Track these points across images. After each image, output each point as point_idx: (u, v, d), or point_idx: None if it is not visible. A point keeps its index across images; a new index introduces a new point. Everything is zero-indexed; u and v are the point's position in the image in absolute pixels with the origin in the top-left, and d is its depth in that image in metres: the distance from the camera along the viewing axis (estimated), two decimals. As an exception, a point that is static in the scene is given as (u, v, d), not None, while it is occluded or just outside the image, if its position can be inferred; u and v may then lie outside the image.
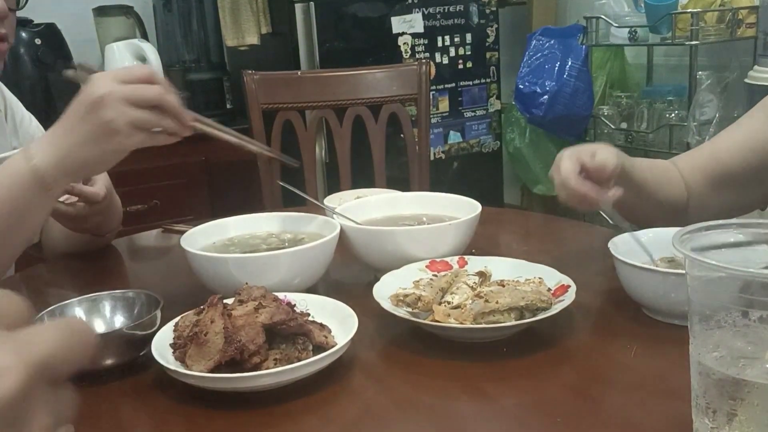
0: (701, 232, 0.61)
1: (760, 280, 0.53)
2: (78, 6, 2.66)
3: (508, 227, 1.40)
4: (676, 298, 0.81)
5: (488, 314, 0.81)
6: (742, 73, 2.28)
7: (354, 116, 1.83)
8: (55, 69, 2.41)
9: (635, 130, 2.59)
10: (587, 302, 0.91)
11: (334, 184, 1.82)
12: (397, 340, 0.86)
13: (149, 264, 1.36)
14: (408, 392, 0.75)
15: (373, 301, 0.86)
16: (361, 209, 1.15)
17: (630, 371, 0.77)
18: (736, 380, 0.54)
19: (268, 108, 1.80)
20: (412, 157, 1.87)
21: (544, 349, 0.82)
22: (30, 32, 2.38)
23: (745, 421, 0.55)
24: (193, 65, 2.68)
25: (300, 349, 0.76)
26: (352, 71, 1.86)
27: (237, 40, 2.57)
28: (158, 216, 2.26)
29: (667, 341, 0.81)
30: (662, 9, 2.33)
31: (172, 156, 2.45)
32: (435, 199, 1.19)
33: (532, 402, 0.73)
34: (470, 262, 0.98)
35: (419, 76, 1.83)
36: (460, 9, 2.65)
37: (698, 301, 0.58)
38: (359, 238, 1.03)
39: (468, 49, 2.69)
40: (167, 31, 2.69)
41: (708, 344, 0.57)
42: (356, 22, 2.48)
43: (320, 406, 0.72)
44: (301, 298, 0.87)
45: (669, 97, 2.53)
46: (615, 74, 2.81)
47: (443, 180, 2.70)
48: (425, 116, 1.84)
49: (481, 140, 2.81)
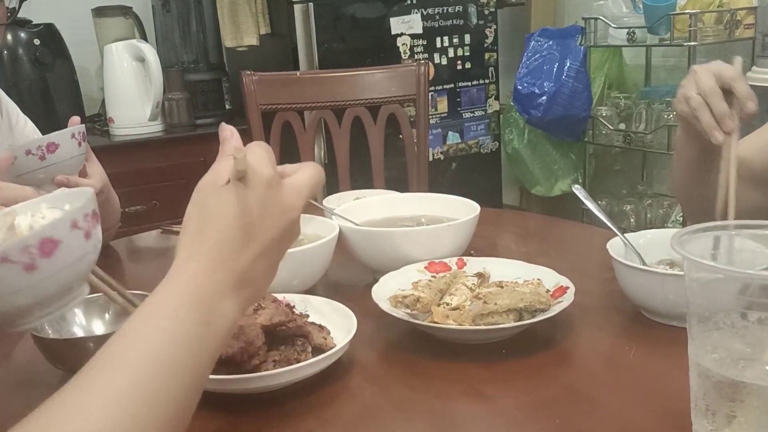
0: (700, 234, 0.61)
1: (758, 282, 0.53)
2: (77, 6, 2.66)
3: (506, 228, 1.40)
4: (675, 300, 0.81)
5: (487, 315, 0.81)
6: (741, 74, 2.28)
7: (353, 117, 1.83)
8: (53, 69, 2.41)
9: (633, 130, 2.59)
10: (586, 304, 0.91)
11: (332, 184, 1.82)
12: (396, 342, 0.86)
13: (148, 265, 1.36)
14: (407, 393, 0.75)
15: (371, 303, 0.86)
16: (359, 210, 1.15)
17: (629, 373, 0.77)
18: (735, 382, 0.54)
19: (266, 109, 1.80)
20: (411, 157, 1.87)
21: (543, 351, 0.82)
22: (29, 32, 2.38)
23: (745, 423, 0.55)
24: (191, 66, 2.68)
25: (299, 351, 0.76)
26: (350, 72, 1.86)
27: (236, 40, 2.57)
28: (157, 217, 2.25)
29: (665, 343, 0.82)
30: (660, 10, 2.33)
31: (172, 157, 2.45)
32: (434, 200, 1.19)
33: (530, 403, 0.73)
34: (469, 264, 0.98)
35: (418, 76, 1.83)
36: (459, 10, 2.65)
37: (697, 303, 0.58)
38: (358, 240, 1.03)
39: (467, 50, 2.69)
40: (166, 32, 2.69)
41: (707, 346, 0.57)
42: (355, 23, 2.47)
43: (319, 407, 0.72)
44: (300, 300, 0.87)
45: (667, 97, 2.52)
46: (613, 75, 2.81)
47: (442, 181, 2.70)
48: (424, 117, 1.84)
49: (480, 141, 2.81)
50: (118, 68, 2.45)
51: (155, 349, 0.51)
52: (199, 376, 0.54)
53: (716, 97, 0.92)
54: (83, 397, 0.48)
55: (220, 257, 0.56)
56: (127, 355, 0.51)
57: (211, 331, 0.54)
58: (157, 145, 2.47)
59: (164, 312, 0.53)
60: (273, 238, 0.59)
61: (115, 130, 2.48)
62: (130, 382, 0.49)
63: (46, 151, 1.07)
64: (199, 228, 0.57)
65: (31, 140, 1.10)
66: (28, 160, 1.06)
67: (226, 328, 0.56)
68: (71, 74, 2.51)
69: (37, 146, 1.07)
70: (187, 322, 0.53)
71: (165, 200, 2.40)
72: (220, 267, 0.55)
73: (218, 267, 0.55)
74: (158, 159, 2.43)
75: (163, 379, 0.50)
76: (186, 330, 0.52)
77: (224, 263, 0.56)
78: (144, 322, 0.53)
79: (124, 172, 2.13)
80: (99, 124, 2.65)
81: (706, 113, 0.93)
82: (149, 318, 0.53)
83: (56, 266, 0.59)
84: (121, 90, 2.46)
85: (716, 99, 0.92)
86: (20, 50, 2.35)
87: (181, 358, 0.52)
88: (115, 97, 2.47)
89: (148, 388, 0.49)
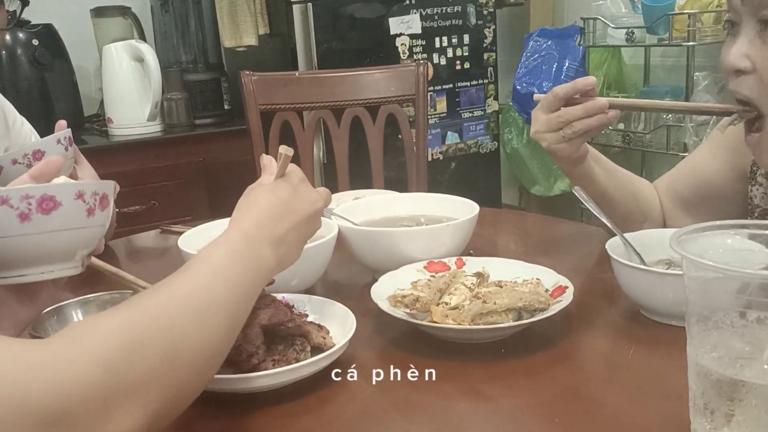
0: (699, 233, 0.61)
1: (757, 281, 0.54)
2: (75, 7, 2.66)
3: (505, 228, 1.40)
4: (674, 299, 0.81)
5: (486, 315, 0.81)
6: (739, 74, 2.28)
7: (352, 117, 1.83)
8: (52, 70, 2.41)
9: (632, 130, 2.59)
10: (585, 303, 0.91)
11: (332, 184, 1.82)
12: (395, 341, 0.86)
13: (147, 265, 1.36)
14: (406, 393, 0.75)
15: (371, 302, 0.86)
16: (359, 210, 1.15)
17: (628, 372, 0.77)
18: (734, 381, 0.54)
19: (266, 109, 1.80)
20: (410, 157, 1.87)
21: (542, 350, 0.82)
22: (27, 33, 2.37)
23: (743, 422, 0.55)
24: (190, 66, 2.68)
25: (298, 350, 0.76)
26: (350, 72, 1.86)
27: (235, 40, 2.57)
28: (156, 217, 2.25)
29: (664, 342, 0.82)
30: (659, 10, 2.33)
31: (170, 157, 2.45)
32: (433, 199, 1.19)
33: (529, 402, 0.73)
34: (468, 263, 0.98)
35: (417, 76, 1.83)
36: (458, 10, 2.65)
37: (696, 302, 0.58)
38: (357, 239, 1.03)
39: (465, 50, 2.69)
40: (165, 32, 2.68)
41: (706, 345, 0.57)
42: (354, 23, 2.47)
43: (318, 407, 0.73)
44: (299, 299, 0.88)
45: (666, 97, 2.53)
46: (612, 75, 2.81)
47: (441, 181, 2.70)
48: (423, 117, 1.84)
49: (479, 141, 2.81)
50: (117, 68, 2.45)
51: (220, 264, 0.66)
52: (246, 304, 0.68)
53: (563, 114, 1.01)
54: (169, 285, 0.62)
55: (262, 223, 0.73)
56: (200, 266, 0.65)
57: (258, 267, 0.70)
58: (156, 145, 2.46)
59: (226, 245, 0.69)
60: (303, 216, 0.77)
61: (114, 131, 2.48)
62: (201, 284, 0.63)
63: (32, 159, 1.06)
64: (245, 208, 0.75)
65: (17, 149, 1.08)
66: (15, 170, 1.04)
67: (268, 269, 0.72)
68: (70, 74, 2.51)
69: (23, 155, 1.06)
70: (242, 252, 0.68)
71: (164, 200, 2.40)
72: (263, 227, 0.73)
73: (262, 226, 0.73)
74: (157, 159, 2.43)
75: (224, 287, 0.64)
76: (240, 257, 0.68)
77: (265, 226, 0.73)
78: (212, 247, 0.68)
79: (122, 172, 2.13)
80: (98, 124, 2.64)
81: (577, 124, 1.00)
82: (215, 246, 0.68)
83: (48, 226, 0.61)
84: (120, 90, 2.46)
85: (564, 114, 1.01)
86: (19, 50, 2.35)
87: (236, 277, 0.66)
88: (113, 97, 2.47)
89: (215, 289, 0.63)
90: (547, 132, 1.02)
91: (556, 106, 1.01)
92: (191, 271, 0.64)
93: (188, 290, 0.62)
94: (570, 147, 1.02)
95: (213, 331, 0.61)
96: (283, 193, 0.76)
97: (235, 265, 0.67)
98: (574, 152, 1.03)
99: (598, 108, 0.99)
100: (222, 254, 0.67)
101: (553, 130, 1.01)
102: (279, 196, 0.76)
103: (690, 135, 2.34)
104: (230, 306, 0.64)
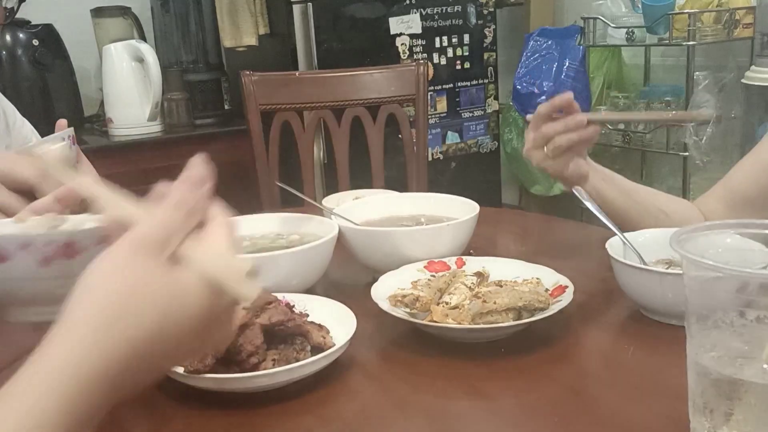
0: (699, 233, 0.61)
1: (757, 281, 0.54)
2: (76, 7, 2.66)
3: (506, 227, 1.40)
4: (674, 299, 0.81)
5: (486, 314, 0.81)
6: (740, 74, 2.28)
7: (352, 117, 1.83)
8: (52, 70, 2.41)
9: (632, 130, 2.60)
10: (585, 303, 0.91)
11: (332, 184, 1.82)
12: (396, 341, 0.86)
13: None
14: (406, 392, 0.75)
15: (371, 302, 0.86)
16: (359, 210, 1.15)
17: (627, 371, 0.77)
18: (733, 380, 0.55)
19: (266, 109, 1.80)
20: (410, 157, 1.87)
21: (542, 350, 0.82)
22: (27, 33, 2.38)
23: (743, 421, 0.55)
24: (191, 66, 2.68)
25: (298, 350, 0.76)
26: (350, 72, 1.86)
27: (235, 40, 2.57)
28: (156, 217, 2.25)
29: (664, 341, 0.82)
30: (659, 10, 2.34)
31: (171, 157, 2.44)
32: (433, 199, 1.19)
33: (529, 402, 0.73)
34: (468, 263, 0.98)
35: (417, 76, 1.83)
36: (458, 10, 2.65)
37: (695, 302, 0.58)
38: (357, 239, 1.04)
39: (466, 50, 2.69)
40: (165, 32, 2.68)
41: (705, 344, 0.57)
42: (354, 23, 2.48)
43: (318, 407, 0.73)
44: (299, 299, 0.87)
45: (666, 97, 2.53)
46: (612, 75, 2.81)
47: (441, 180, 2.70)
48: (423, 117, 1.84)
49: (479, 141, 2.81)
50: (117, 69, 2.45)
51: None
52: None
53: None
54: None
55: (90, 340, 0.46)
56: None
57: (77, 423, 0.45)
58: (157, 145, 2.46)
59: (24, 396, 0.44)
60: (178, 321, 0.48)
61: (114, 131, 2.48)
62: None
63: None
64: (73, 310, 0.47)
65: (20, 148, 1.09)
66: None
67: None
68: (70, 75, 2.51)
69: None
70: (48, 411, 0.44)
71: (164, 200, 2.40)
72: (91, 349, 0.45)
73: (89, 348, 0.45)
74: (157, 159, 2.43)
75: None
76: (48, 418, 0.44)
77: (94, 349, 0.45)
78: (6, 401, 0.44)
79: (123, 172, 2.12)
80: (98, 124, 2.64)
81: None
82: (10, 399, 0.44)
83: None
84: (121, 90, 2.46)
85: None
86: (19, 51, 2.35)
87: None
88: (114, 97, 2.47)
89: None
90: (533, 149, 1.05)
91: (540, 124, 1.03)
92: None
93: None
94: (557, 164, 1.04)
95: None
96: (142, 272, 0.47)
97: None
98: (563, 170, 1.04)
99: (577, 123, 1.01)
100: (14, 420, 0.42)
101: (539, 147, 1.03)
102: (132, 279, 0.46)
103: (690, 135, 2.34)
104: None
